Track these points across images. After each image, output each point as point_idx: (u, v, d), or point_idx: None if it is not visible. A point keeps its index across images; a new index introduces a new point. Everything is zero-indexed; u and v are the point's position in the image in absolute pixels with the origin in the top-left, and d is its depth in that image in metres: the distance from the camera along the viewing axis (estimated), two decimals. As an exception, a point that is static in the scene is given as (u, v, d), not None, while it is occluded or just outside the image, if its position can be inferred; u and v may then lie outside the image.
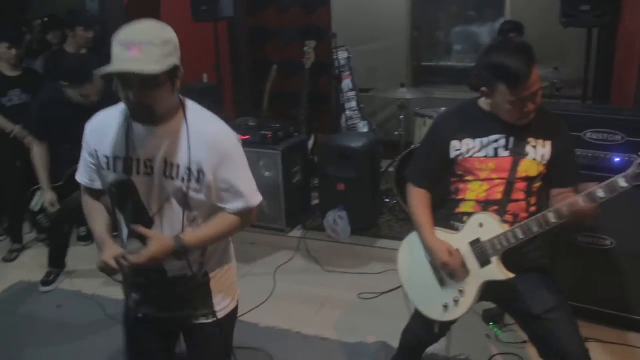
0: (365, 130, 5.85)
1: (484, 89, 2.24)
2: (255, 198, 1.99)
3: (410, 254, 2.50)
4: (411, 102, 5.43)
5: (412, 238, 2.49)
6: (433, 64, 6.37)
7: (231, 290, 2.23)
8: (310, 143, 5.47)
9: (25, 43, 5.89)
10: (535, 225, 2.15)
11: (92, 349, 3.50)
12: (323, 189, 4.81)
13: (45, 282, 4.26)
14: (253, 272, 4.33)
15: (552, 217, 2.11)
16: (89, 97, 3.50)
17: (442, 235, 2.37)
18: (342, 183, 4.56)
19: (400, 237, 2.75)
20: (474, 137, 2.29)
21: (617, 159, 3.19)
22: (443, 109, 5.21)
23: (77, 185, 3.61)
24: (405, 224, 4.61)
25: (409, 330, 2.69)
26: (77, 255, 4.52)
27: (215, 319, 2.10)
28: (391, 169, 4.97)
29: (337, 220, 4.48)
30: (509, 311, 2.58)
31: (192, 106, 1.96)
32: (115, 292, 4.04)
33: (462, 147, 2.30)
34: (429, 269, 2.42)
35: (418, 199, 2.43)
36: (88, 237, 4.89)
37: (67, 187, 3.68)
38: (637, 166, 1.95)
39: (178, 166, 1.88)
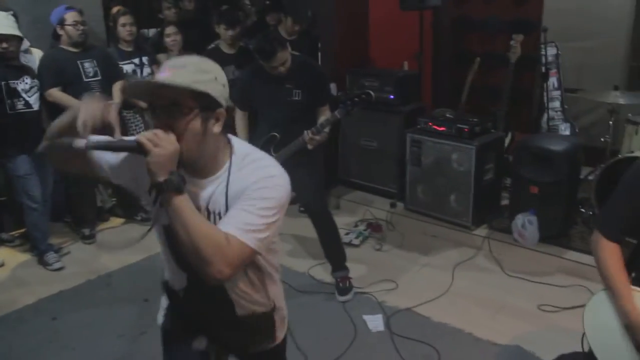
0: (567, 132, 5.51)
1: None
2: (247, 236, 1.58)
3: (599, 315, 2.21)
4: (623, 107, 4.99)
5: (602, 297, 2.20)
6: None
7: (285, 316, 2.08)
8: (507, 141, 5.29)
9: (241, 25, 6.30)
10: None
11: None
12: (515, 190, 4.64)
13: None
14: (432, 264, 4.32)
15: None
16: (277, 69, 3.70)
17: None
18: (536, 186, 4.37)
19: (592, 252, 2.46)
20: None
21: None
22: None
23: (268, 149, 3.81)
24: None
25: None
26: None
27: (275, 344, 2.02)
28: (591, 178, 4.64)
29: (526, 224, 4.30)
30: None
31: (241, 150, 1.74)
32: (297, 264, 4.31)
33: None
34: (623, 335, 2.12)
35: (610, 256, 2.11)
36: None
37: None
38: None
39: (219, 214, 1.70)
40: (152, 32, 5.86)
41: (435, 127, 4.75)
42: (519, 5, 6.17)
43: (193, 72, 1.60)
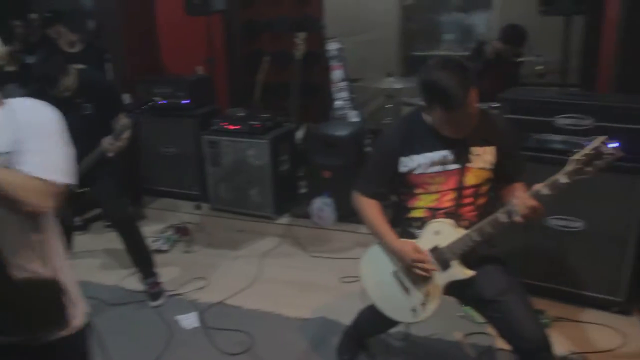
0: (357, 119, 5.92)
1: (422, 104, 2.30)
2: (52, 174, 1.57)
3: (371, 270, 2.62)
4: (399, 91, 5.50)
5: (370, 255, 2.61)
6: (423, 54, 6.44)
7: (79, 297, 1.78)
8: (301, 133, 5.56)
9: (20, 38, 5.94)
10: (488, 227, 2.24)
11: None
12: (310, 176, 4.93)
13: None
14: (240, 257, 4.46)
15: (502, 218, 2.20)
16: (62, 93, 3.60)
17: None
18: (328, 170, 4.68)
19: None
20: (419, 152, 2.35)
21: (587, 144, 3.27)
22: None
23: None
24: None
25: (368, 321, 2.87)
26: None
27: (69, 332, 1.68)
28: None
29: (323, 206, 4.59)
30: (464, 300, 2.66)
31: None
32: (108, 277, 4.22)
33: (410, 164, 2.38)
34: (392, 281, 2.52)
35: (372, 209, 2.51)
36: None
37: None
38: (575, 163, 2.02)
39: None
40: None
41: (229, 126, 4.89)
42: (302, 5, 6.50)
43: None
